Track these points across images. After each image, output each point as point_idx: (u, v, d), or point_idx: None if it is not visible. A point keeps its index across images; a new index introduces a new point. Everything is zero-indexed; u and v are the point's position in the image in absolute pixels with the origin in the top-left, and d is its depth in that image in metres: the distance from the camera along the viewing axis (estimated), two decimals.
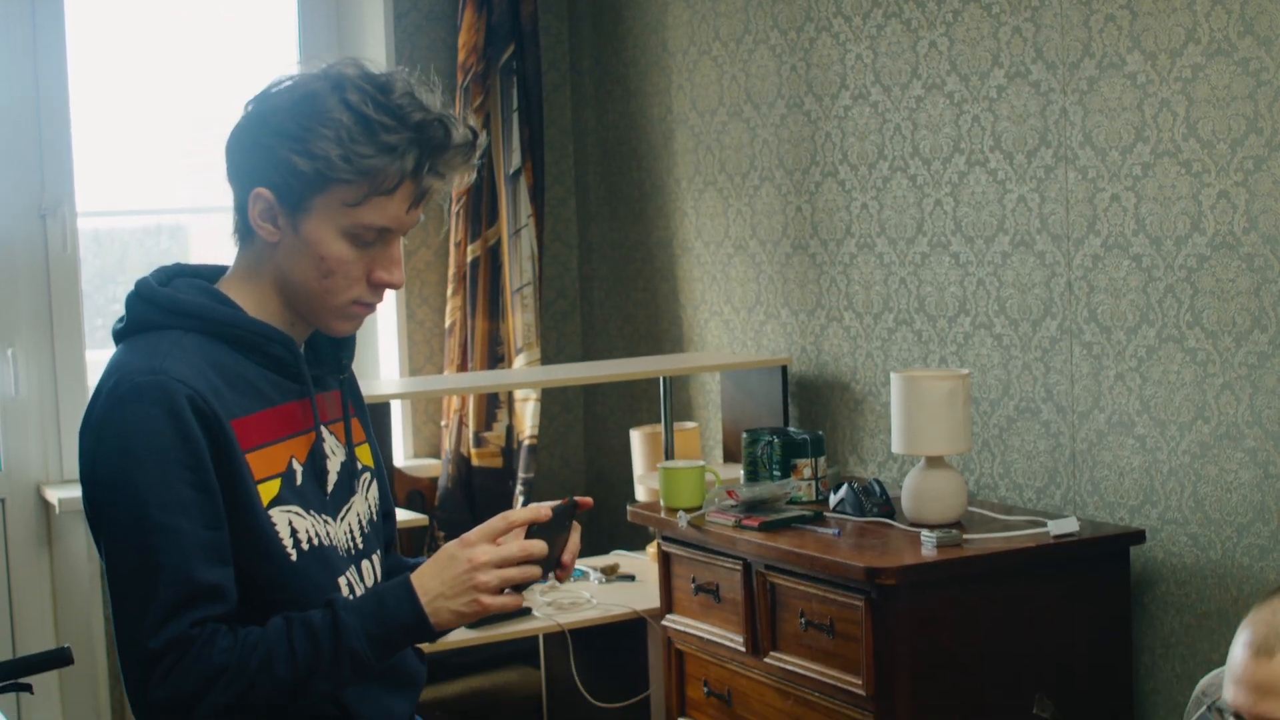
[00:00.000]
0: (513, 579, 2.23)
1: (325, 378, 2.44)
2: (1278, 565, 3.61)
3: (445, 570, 2.23)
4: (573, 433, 6.11)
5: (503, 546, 2.23)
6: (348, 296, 2.33)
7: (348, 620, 2.20)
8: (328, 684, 2.21)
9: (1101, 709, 3.83)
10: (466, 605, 2.23)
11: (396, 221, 2.30)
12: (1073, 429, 4.09)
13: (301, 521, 2.31)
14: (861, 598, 3.62)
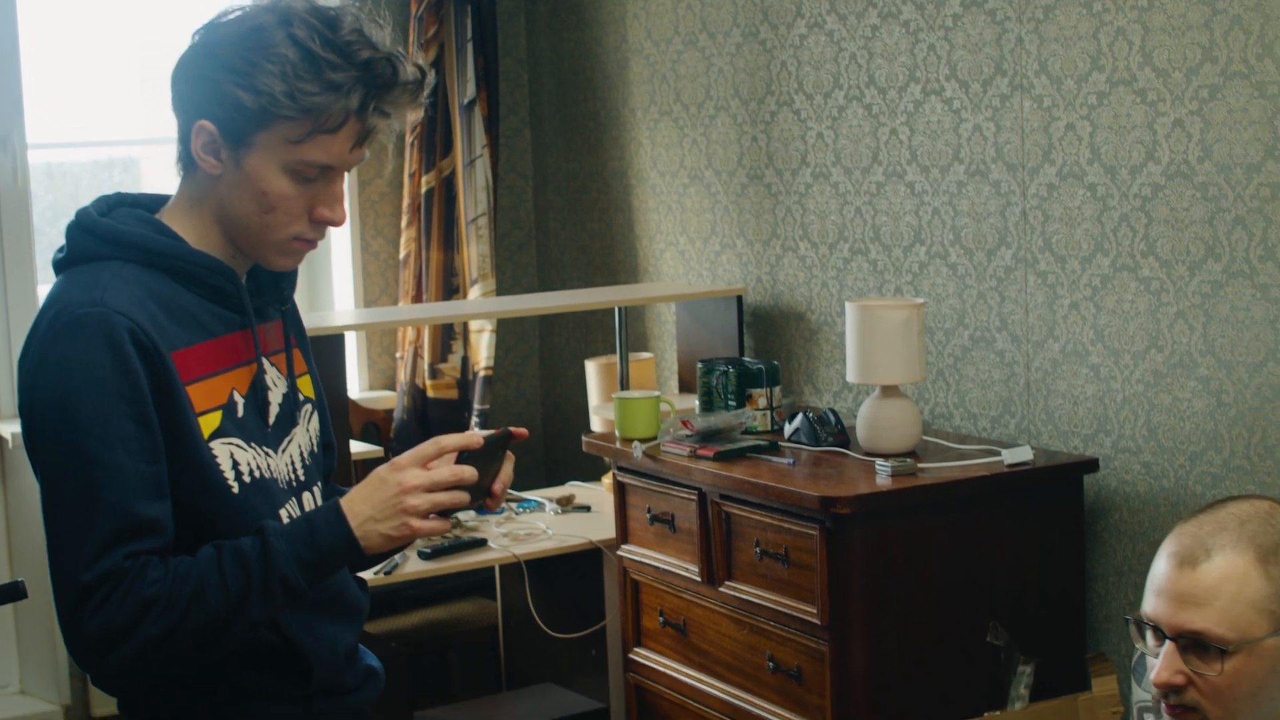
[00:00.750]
0: (442, 504, 2.21)
1: (267, 309, 2.40)
2: (1229, 493, 3.60)
3: (375, 494, 2.21)
4: (528, 364, 6.08)
5: (433, 471, 2.21)
6: (288, 232, 2.29)
7: (278, 546, 2.18)
8: (260, 611, 2.18)
9: (1055, 636, 3.83)
10: (395, 529, 2.21)
11: (340, 159, 2.26)
12: (1027, 358, 4.07)
13: (243, 454, 2.28)
14: (816, 527, 3.61)
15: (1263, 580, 2.08)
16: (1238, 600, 2.08)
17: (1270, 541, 2.10)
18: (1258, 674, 2.08)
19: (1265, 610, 2.07)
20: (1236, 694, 2.09)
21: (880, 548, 3.61)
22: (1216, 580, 2.09)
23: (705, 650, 4.05)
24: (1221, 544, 2.10)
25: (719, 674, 4.01)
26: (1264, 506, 2.15)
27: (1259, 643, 2.07)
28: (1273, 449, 3.52)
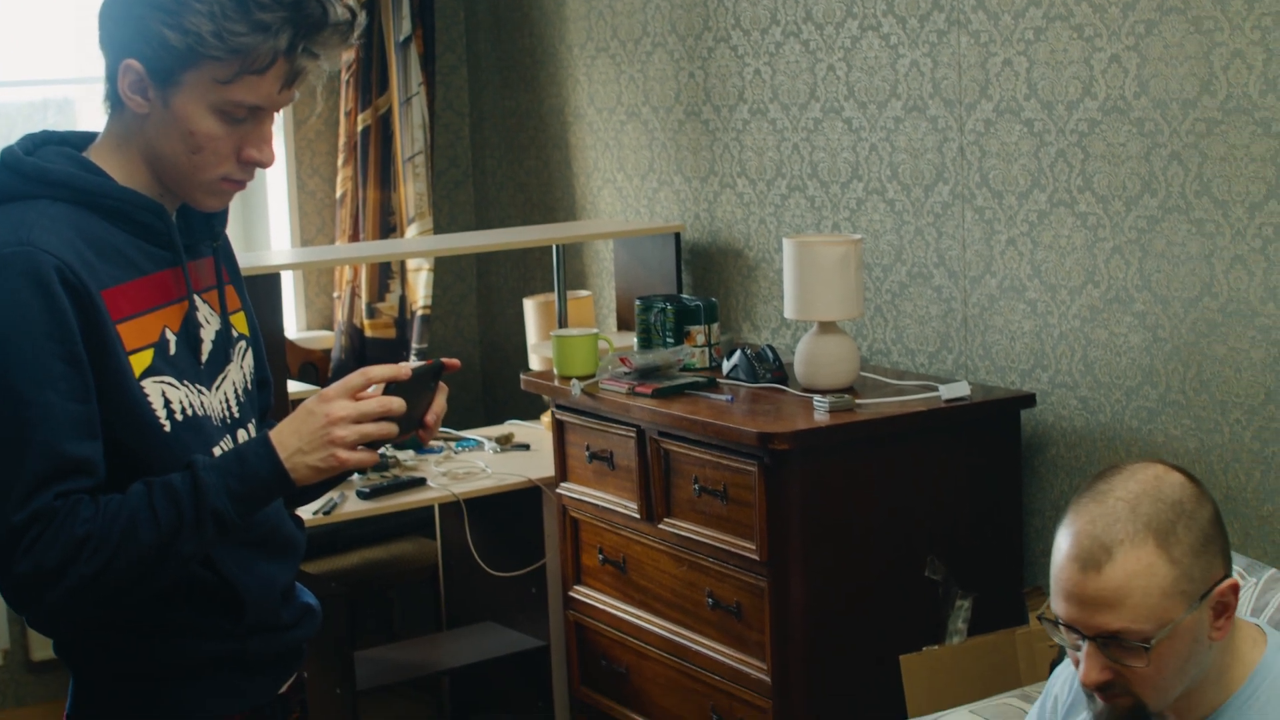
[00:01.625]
0: (369, 435, 2.19)
1: (198, 245, 2.37)
2: (1165, 428, 3.61)
3: (303, 425, 2.19)
4: (466, 302, 6.03)
5: (360, 403, 2.19)
6: (216, 173, 2.25)
7: (208, 480, 2.15)
8: (193, 545, 2.16)
9: (992, 571, 3.83)
10: (323, 460, 2.18)
11: (268, 100, 2.22)
12: (964, 294, 4.06)
13: (175, 392, 2.25)
14: (754, 463, 3.59)
15: (1167, 566, 2.06)
16: (1149, 594, 2.06)
17: (1166, 521, 2.07)
18: (1182, 651, 2.08)
19: (1177, 593, 2.06)
20: (1166, 675, 2.09)
21: (818, 484, 3.60)
22: (1123, 580, 2.06)
23: (645, 587, 4.04)
24: (1119, 539, 2.07)
25: (658, 611, 4.00)
26: (1149, 478, 2.12)
27: (1177, 624, 2.06)
28: (1208, 383, 3.52)
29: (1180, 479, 2.13)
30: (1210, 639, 2.10)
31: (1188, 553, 2.07)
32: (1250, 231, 3.40)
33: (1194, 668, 2.11)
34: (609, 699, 4.23)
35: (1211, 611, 2.09)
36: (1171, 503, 2.09)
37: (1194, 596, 2.07)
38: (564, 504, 4.31)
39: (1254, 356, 3.43)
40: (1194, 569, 2.07)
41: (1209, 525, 2.11)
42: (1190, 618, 2.07)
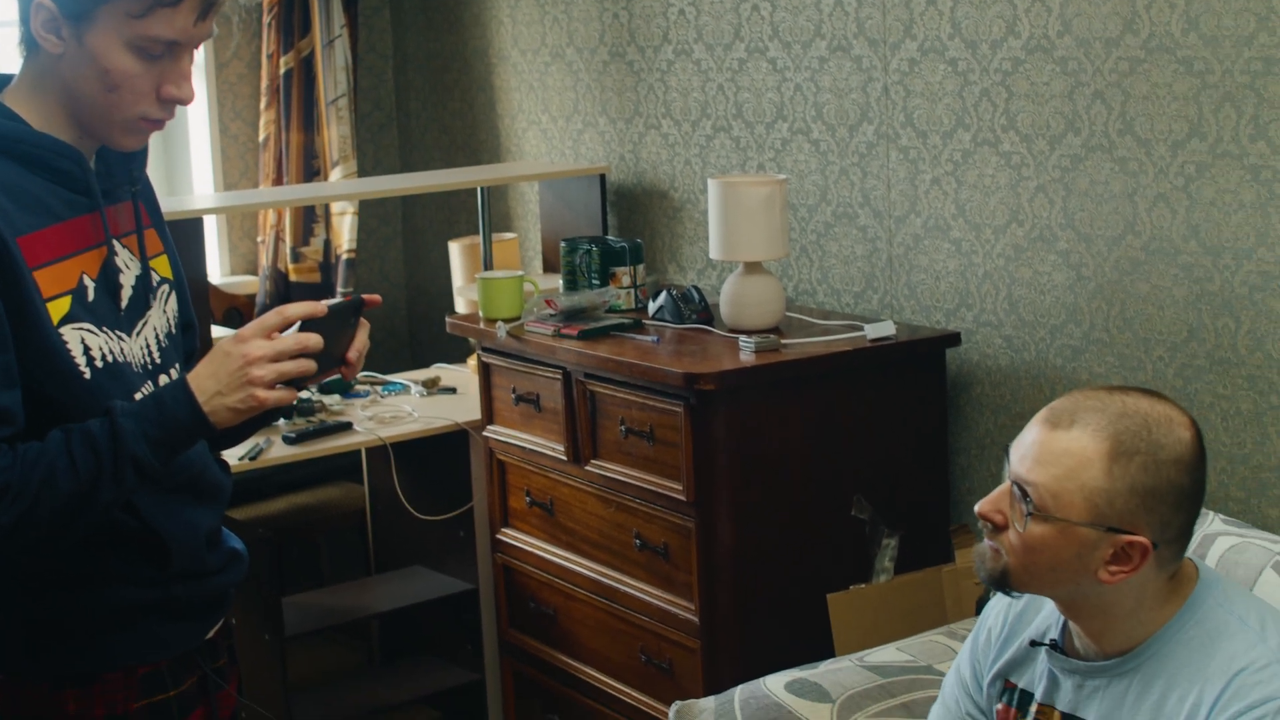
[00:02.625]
0: (287, 373, 2.15)
1: (116, 190, 2.31)
2: (1089, 365, 3.61)
3: (220, 367, 2.15)
4: (391, 246, 5.97)
5: (277, 341, 2.15)
6: (134, 111, 2.20)
7: (126, 426, 2.11)
8: (113, 492, 2.12)
9: (918, 509, 3.83)
10: (242, 401, 2.14)
11: (185, 34, 2.17)
12: (889, 234, 4.04)
13: (94, 339, 2.19)
14: (681, 404, 3.57)
15: (1102, 474, 2.06)
16: (1071, 477, 2.06)
17: (1130, 446, 2.06)
18: (1060, 554, 2.08)
19: (1090, 501, 2.06)
20: (1034, 560, 2.09)
21: (744, 424, 3.58)
22: (1061, 450, 2.08)
23: (572, 529, 4.02)
24: (1088, 421, 2.08)
25: (586, 552, 3.98)
26: (1157, 412, 2.10)
27: (1070, 525, 2.06)
28: (1131, 321, 3.52)
29: (1187, 438, 2.10)
30: (1099, 577, 2.08)
31: (1126, 484, 2.06)
32: (1173, 170, 3.39)
33: (1067, 581, 2.10)
34: (537, 641, 4.21)
35: (1110, 551, 2.07)
36: (1152, 440, 2.08)
37: (1104, 521, 2.06)
38: (491, 447, 4.27)
39: (1176, 294, 3.43)
40: (1121, 501, 2.06)
41: (1166, 487, 2.07)
42: (1086, 533, 2.06)
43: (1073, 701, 2.20)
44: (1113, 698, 2.15)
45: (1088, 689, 2.18)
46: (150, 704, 2.30)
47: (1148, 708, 2.11)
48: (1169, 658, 2.12)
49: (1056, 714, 2.22)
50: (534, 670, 4.25)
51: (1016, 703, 2.29)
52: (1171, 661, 2.11)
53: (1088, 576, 2.09)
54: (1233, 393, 3.35)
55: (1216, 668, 2.06)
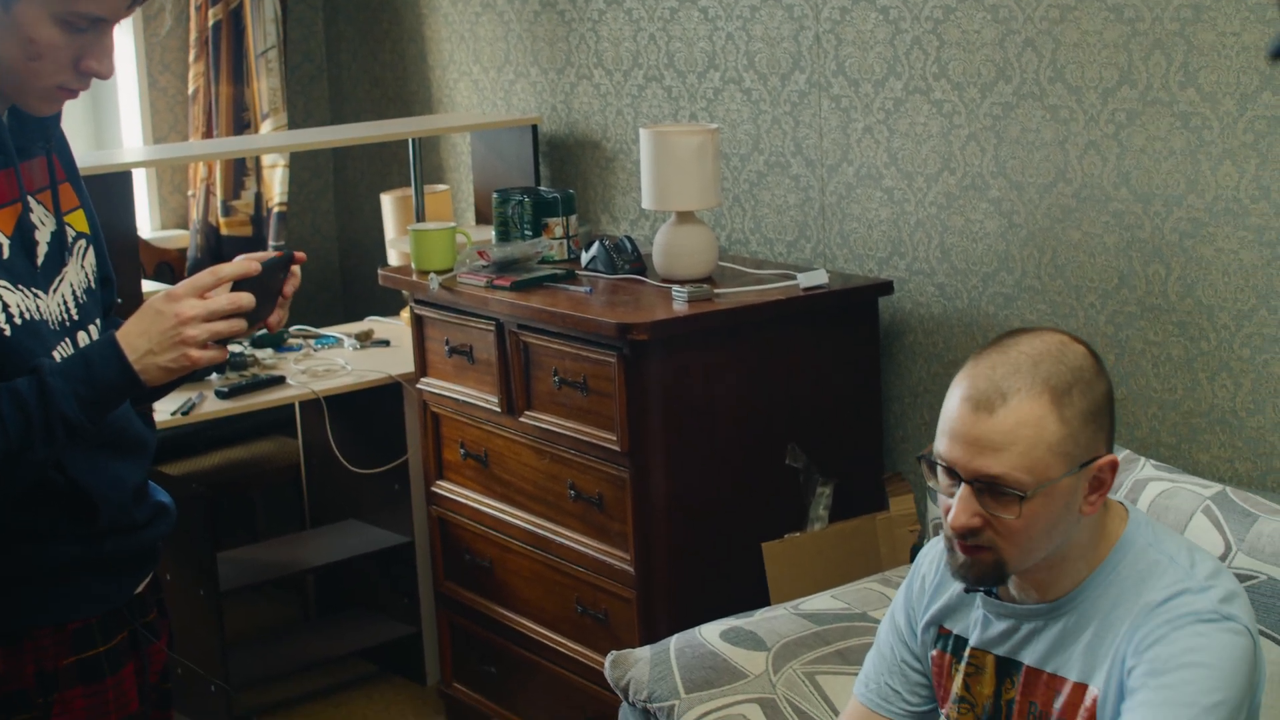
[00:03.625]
0: (220, 333, 2.12)
1: (30, 146, 2.25)
2: (1021, 313, 3.60)
3: (152, 326, 2.11)
4: (323, 199, 5.91)
5: (210, 300, 2.11)
6: (53, 81, 2.16)
7: (55, 384, 2.07)
8: (42, 451, 2.08)
9: (852, 457, 3.82)
10: (174, 360, 2.11)
11: (112, 11, 2.13)
12: (822, 182, 4.02)
13: (11, 296, 2.15)
14: (614, 354, 3.54)
15: (1058, 424, 2.05)
16: (1035, 445, 2.05)
17: (1063, 382, 2.07)
18: (1052, 513, 2.07)
19: (1061, 453, 2.06)
20: (1032, 534, 2.08)
21: (678, 373, 3.56)
22: (1013, 426, 2.06)
23: (507, 481, 3.99)
24: (1016, 388, 2.06)
25: (521, 504, 3.95)
26: (1054, 342, 2.12)
27: (1054, 484, 2.05)
28: (1063, 268, 3.51)
29: (1083, 350, 2.14)
30: (1081, 511, 2.09)
31: (1079, 416, 2.06)
32: (1103, 117, 3.38)
33: (1059, 535, 2.09)
34: (473, 593, 4.19)
35: (1088, 483, 2.08)
36: (1072, 367, 2.09)
37: (1075, 462, 2.06)
38: (425, 399, 4.23)
39: (1107, 241, 3.42)
40: (1081, 435, 2.07)
41: (1102, 399, 2.11)
42: (1068, 481, 2.06)
43: (1008, 645, 2.20)
44: (1048, 640, 2.15)
45: (1023, 632, 2.18)
46: (80, 660, 2.27)
47: (1082, 648, 2.12)
48: (1102, 598, 2.12)
49: (990, 658, 2.22)
50: (470, 622, 4.22)
51: (951, 649, 2.29)
52: (1104, 602, 2.11)
53: (1072, 518, 2.10)
54: (1163, 339, 3.35)
55: (1148, 601, 2.07)
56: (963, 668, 2.25)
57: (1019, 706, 2.19)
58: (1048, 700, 2.15)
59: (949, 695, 2.28)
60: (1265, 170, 3.12)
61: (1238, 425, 3.25)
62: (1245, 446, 3.24)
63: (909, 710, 2.38)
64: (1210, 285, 3.25)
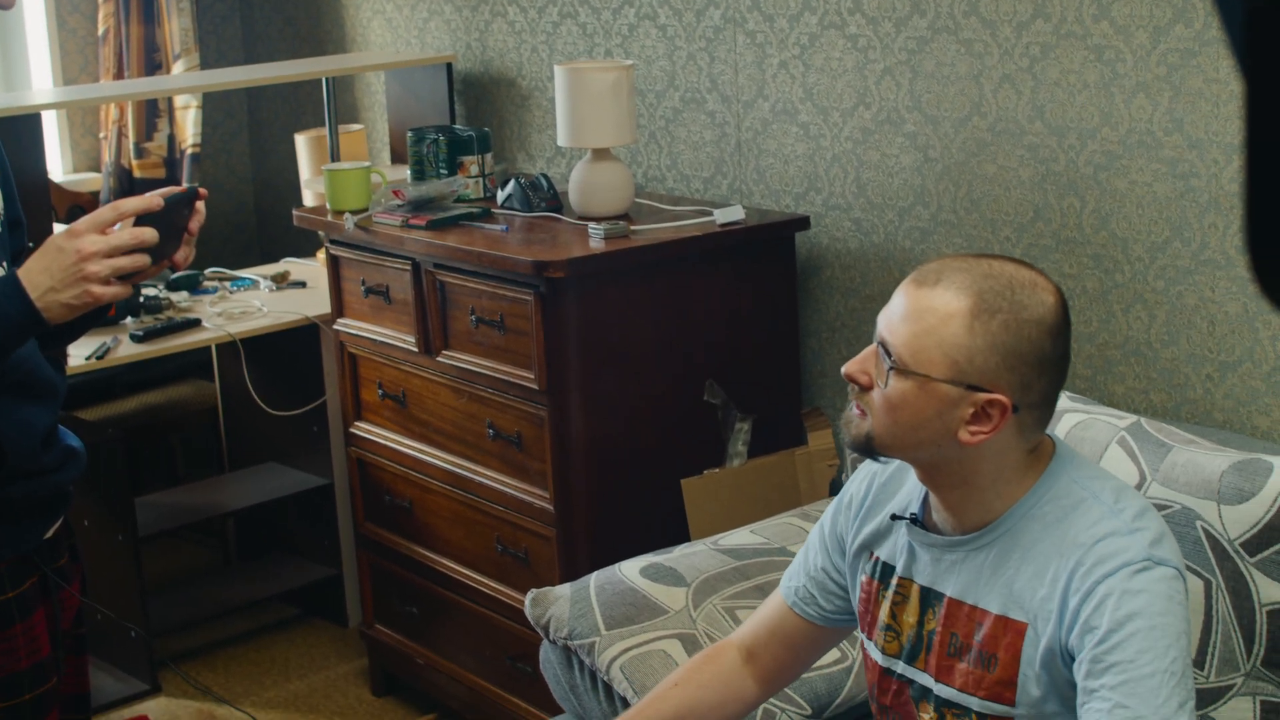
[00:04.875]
0: (123, 268, 2.07)
1: None
2: (937, 247, 3.58)
3: (54, 263, 2.06)
4: (237, 140, 5.82)
5: (112, 236, 2.06)
6: None
7: None
8: None
9: (770, 393, 3.80)
10: (77, 297, 2.06)
11: None
12: (738, 118, 3.98)
13: None
14: (531, 292, 3.50)
15: (964, 331, 2.03)
16: (932, 334, 2.04)
17: (994, 305, 2.03)
18: (922, 410, 2.05)
19: (950, 358, 2.03)
20: (896, 418, 2.06)
21: (595, 311, 3.52)
22: (925, 306, 2.05)
23: (425, 420, 3.94)
24: (952, 281, 2.05)
25: (440, 444, 3.91)
26: (1022, 275, 2.07)
27: (931, 381, 2.03)
28: (978, 202, 3.49)
29: (1050, 302, 2.07)
30: (960, 438, 2.06)
31: (988, 341, 2.03)
32: (1018, 51, 3.35)
33: (929, 444, 2.07)
34: (394, 534, 4.15)
35: (970, 409, 2.05)
36: (1015, 300, 2.05)
37: (964, 377, 2.03)
38: (342, 340, 4.18)
39: (1022, 175, 3.40)
40: (981, 358, 2.03)
41: (1029, 350, 2.04)
42: (943, 389, 2.03)
43: (931, 575, 2.19)
44: (970, 571, 2.14)
45: (945, 563, 2.17)
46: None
47: (1004, 581, 2.10)
48: (1024, 532, 2.10)
49: (915, 587, 2.21)
50: (391, 563, 4.18)
51: (879, 575, 2.27)
52: (1027, 535, 2.10)
53: (949, 437, 2.06)
54: (1079, 271, 3.34)
55: (1073, 540, 2.05)
56: (890, 595, 2.24)
57: (940, 637, 2.17)
58: (969, 632, 2.14)
59: (876, 622, 2.27)
60: (1178, 103, 3.11)
61: (1152, 357, 3.25)
62: (1159, 378, 3.24)
63: (824, 616, 2.38)
64: (1124, 218, 3.24)
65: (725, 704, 2.40)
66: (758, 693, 2.43)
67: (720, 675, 2.40)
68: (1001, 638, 2.10)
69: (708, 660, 2.42)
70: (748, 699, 2.42)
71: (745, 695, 2.41)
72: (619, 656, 2.81)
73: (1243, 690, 2.58)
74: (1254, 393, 3.09)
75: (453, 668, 4.01)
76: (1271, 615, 2.55)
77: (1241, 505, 2.58)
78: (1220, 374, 3.14)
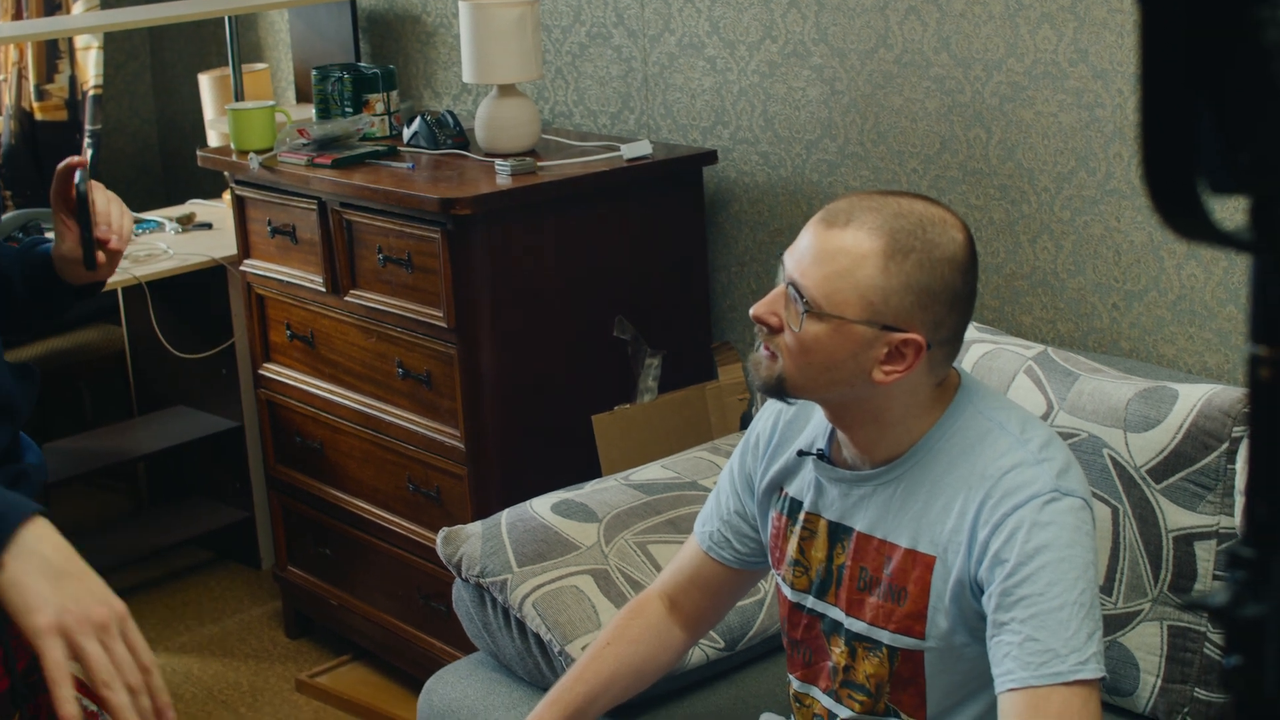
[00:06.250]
0: None
1: None
2: (845, 179, 3.55)
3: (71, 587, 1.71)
4: (140, 80, 5.70)
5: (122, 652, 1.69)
6: None
7: None
8: None
9: (680, 328, 3.76)
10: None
11: None
12: (644, 53, 3.93)
13: None
14: (438, 229, 3.44)
15: (877, 272, 2.00)
16: (846, 275, 2.00)
17: (906, 244, 2.00)
18: (835, 352, 2.02)
19: (865, 299, 2.00)
20: (809, 360, 2.03)
21: (503, 248, 3.47)
22: (837, 248, 2.02)
23: (334, 361, 3.88)
24: (864, 221, 2.02)
25: (349, 384, 3.85)
26: (932, 213, 2.04)
27: (845, 323, 2.00)
28: (885, 134, 3.46)
29: (960, 239, 2.04)
30: (873, 377, 2.03)
31: (901, 281, 2.00)
32: None
33: (842, 384, 2.04)
34: (305, 475, 4.09)
35: (884, 349, 2.02)
36: (927, 239, 2.01)
37: (879, 318, 2.00)
38: (249, 281, 4.10)
39: (929, 106, 3.37)
40: (895, 298, 2.00)
41: (942, 288, 2.01)
42: (858, 330, 2.00)
43: (839, 510, 2.17)
44: (878, 506, 2.12)
45: (853, 498, 2.15)
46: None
47: (912, 514, 2.08)
48: (932, 464, 2.08)
49: (823, 522, 2.19)
50: (303, 505, 4.12)
51: (788, 511, 2.25)
52: (935, 468, 2.08)
53: (862, 377, 2.03)
54: (985, 203, 3.32)
55: (980, 471, 2.03)
56: (798, 530, 2.22)
57: (849, 571, 2.15)
58: (878, 566, 2.12)
59: (785, 558, 2.25)
60: (1083, 33, 3.08)
61: (1059, 287, 3.23)
62: (1066, 307, 3.23)
63: (740, 558, 2.37)
64: (1030, 148, 3.22)
65: (657, 655, 2.42)
66: (685, 639, 2.44)
67: (649, 628, 2.41)
68: (910, 571, 2.08)
69: (634, 615, 2.42)
70: (677, 647, 2.44)
71: (674, 644, 2.43)
72: (531, 593, 2.77)
73: (1150, 615, 2.58)
74: (1159, 321, 3.09)
75: (367, 608, 3.97)
76: (1178, 541, 2.55)
77: (1147, 433, 2.58)
78: (1126, 303, 3.13)
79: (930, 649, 2.08)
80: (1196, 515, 2.54)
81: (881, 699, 2.15)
